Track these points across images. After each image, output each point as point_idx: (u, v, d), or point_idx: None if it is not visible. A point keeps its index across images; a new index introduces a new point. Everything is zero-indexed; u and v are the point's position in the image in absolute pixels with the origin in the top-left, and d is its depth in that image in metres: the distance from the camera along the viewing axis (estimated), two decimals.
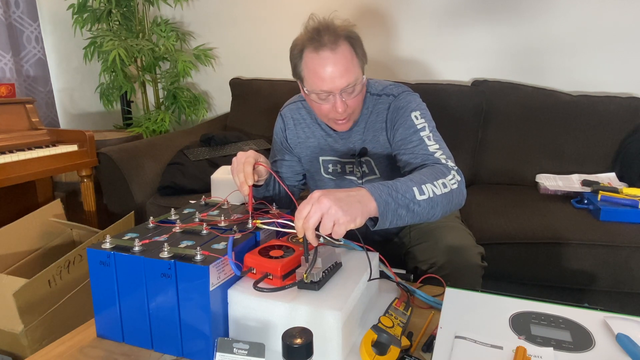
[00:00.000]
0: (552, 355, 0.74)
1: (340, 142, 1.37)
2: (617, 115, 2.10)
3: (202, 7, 2.93)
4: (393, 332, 0.87)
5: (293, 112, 1.46)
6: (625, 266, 1.53)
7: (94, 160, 2.23)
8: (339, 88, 1.17)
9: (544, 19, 2.33)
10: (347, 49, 1.18)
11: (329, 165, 1.40)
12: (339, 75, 1.16)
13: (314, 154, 1.41)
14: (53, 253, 1.79)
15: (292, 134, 1.44)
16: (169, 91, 2.91)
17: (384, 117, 1.31)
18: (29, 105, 2.23)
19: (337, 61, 1.16)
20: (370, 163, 1.35)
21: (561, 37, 2.33)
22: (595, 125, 2.11)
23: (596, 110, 2.13)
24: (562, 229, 1.61)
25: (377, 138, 1.33)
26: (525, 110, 2.21)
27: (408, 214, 1.00)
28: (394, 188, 1.00)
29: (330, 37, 1.15)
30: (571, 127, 2.13)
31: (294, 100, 1.49)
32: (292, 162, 1.47)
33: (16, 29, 2.53)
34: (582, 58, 2.32)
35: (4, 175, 1.89)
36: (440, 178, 1.08)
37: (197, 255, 0.88)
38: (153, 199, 2.06)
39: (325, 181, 1.43)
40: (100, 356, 0.91)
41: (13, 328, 1.36)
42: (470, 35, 2.46)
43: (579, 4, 2.27)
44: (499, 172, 2.18)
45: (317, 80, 1.18)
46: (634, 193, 1.69)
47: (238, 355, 0.80)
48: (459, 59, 2.51)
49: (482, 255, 1.31)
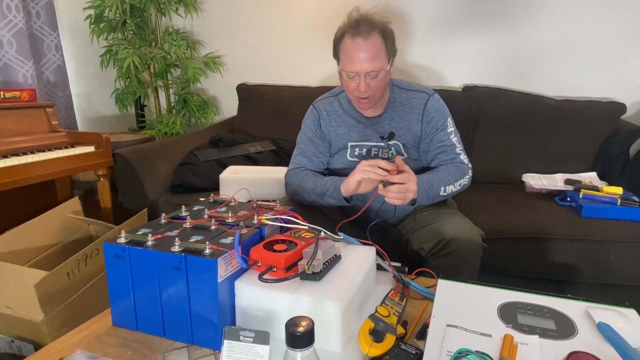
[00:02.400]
0: (537, 342, 0.75)
1: (370, 127, 1.48)
2: (598, 118, 2.10)
3: (210, 18, 2.93)
4: (389, 321, 0.87)
5: (326, 105, 1.56)
6: (605, 259, 1.53)
7: (110, 161, 2.23)
8: (365, 71, 1.30)
9: (529, 29, 2.33)
10: (378, 40, 1.31)
11: (356, 149, 1.50)
12: (367, 60, 1.29)
13: (343, 140, 1.51)
14: (71, 247, 1.80)
15: (326, 123, 1.54)
16: (179, 96, 2.91)
17: (420, 110, 1.45)
18: (49, 109, 2.23)
19: (367, 48, 1.29)
20: (399, 146, 1.47)
21: (546, 45, 2.33)
22: (577, 128, 2.11)
23: (578, 114, 2.13)
24: (546, 225, 1.61)
25: (409, 126, 1.46)
26: (512, 114, 2.21)
27: (429, 200, 1.35)
28: (429, 185, 1.31)
29: (366, 28, 1.30)
30: (555, 129, 2.13)
31: (327, 96, 1.59)
32: (324, 148, 1.55)
33: (37, 38, 2.53)
34: (565, 65, 2.32)
35: (25, 175, 1.89)
36: (461, 178, 1.38)
37: (206, 249, 0.88)
38: (165, 197, 2.06)
39: (348, 163, 1.51)
40: (115, 343, 0.92)
41: (34, 317, 1.36)
42: (461, 43, 2.46)
43: (562, 15, 2.27)
44: (488, 172, 2.18)
45: (348, 61, 1.32)
46: (613, 191, 1.69)
47: (244, 342, 0.80)
48: (450, 66, 2.51)
49: (482, 236, 1.35)
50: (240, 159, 2.22)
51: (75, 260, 1.44)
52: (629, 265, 1.52)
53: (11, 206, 2.20)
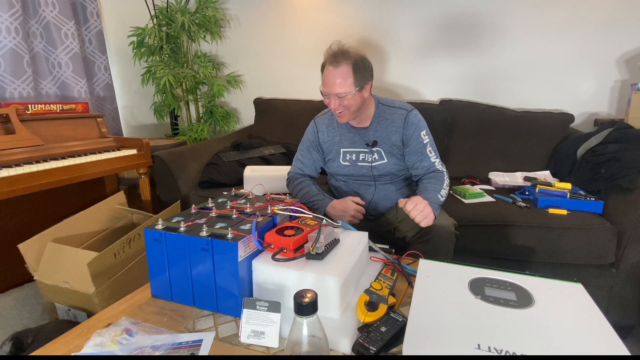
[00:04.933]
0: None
1: (358, 136, 1.47)
2: (552, 126, 2.09)
3: (232, 44, 2.93)
4: (382, 294, 0.87)
5: (324, 119, 1.55)
6: (557, 242, 1.52)
7: (149, 161, 2.23)
8: (334, 93, 1.32)
9: (494, 53, 2.32)
10: (346, 70, 1.31)
11: (347, 155, 1.49)
12: (336, 85, 1.31)
13: (337, 146, 1.50)
14: (118, 233, 1.80)
15: (323, 135, 1.53)
16: (206, 108, 2.91)
17: (400, 124, 1.43)
18: (99, 119, 2.23)
19: (337, 76, 1.31)
20: (381, 152, 1.45)
21: (508, 67, 2.31)
22: (534, 134, 2.10)
23: (535, 123, 2.12)
24: (509, 215, 1.60)
25: (389, 136, 1.44)
26: (480, 123, 2.20)
27: (439, 209, 1.32)
28: (432, 199, 1.28)
29: (338, 59, 1.31)
30: (516, 135, 2.12)
31: (325, 112, 1.57)
32: (318, 157, 1.55)
33: (89, 61, 2.53)
34: (524, 83, 2.31)
35: (80, 173, 1.90)
36: (444, 183, 1.38)
37: (228, 234, 0.88)
38: (195, 191, 2.05)
39: (342, 166, 1.51)
40: (154, 312, 0.92)
41: (87, 290, 1.37)
42: (437, 65, 2.45)
43: (521, 42, 2.26)
44: (461, 171, 2.17)
45: (324, 84, 1.35)
46: (563, 186, 1.68)
47: (260, 310, 0.80)
48: (429, 84, 2.50)
49: (455, 225, 1.34)
50: (256, 160, 2.22)
51: (121, 243, 1.44)
52: (577, 247, 1.51)
53: (68, 199, 2.20)
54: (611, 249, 1.49)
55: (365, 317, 0.82)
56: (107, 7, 2.70)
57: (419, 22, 2.43)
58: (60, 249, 1.45)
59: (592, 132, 1.90)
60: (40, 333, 1.22)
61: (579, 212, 1.60)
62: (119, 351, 0.76)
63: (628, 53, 2.11)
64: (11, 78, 2.10)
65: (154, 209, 2.36)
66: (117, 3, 2.77)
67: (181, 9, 2.64)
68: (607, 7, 2.10)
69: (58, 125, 2.03)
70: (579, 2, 2.14)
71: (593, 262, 1.51)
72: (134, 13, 2.81)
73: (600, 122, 2.05)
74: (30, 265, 1.49)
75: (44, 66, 2.28)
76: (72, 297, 1.41)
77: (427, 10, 2.40)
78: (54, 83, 2.34)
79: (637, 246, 1.45)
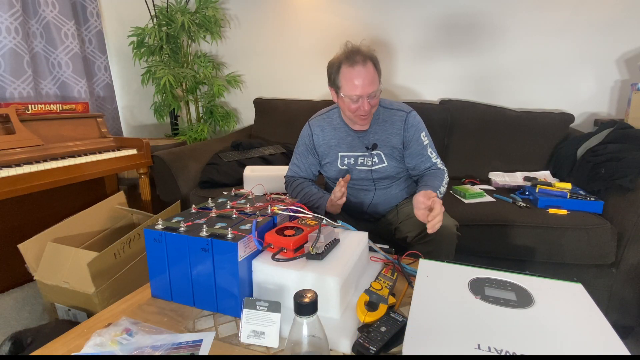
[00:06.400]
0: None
1: (357, 140, 1.43)
2: (551, 126, 2.09)
3: (232, 44, 2.93)
4: (382, 294, 0.86)
5: (319, 121, 1.50)
6: (557, 243, 1.52)
7: (149, 161, 2.23)
8: (367, 93, 1.27)
9: (494, 54, 2.32)
10: (371, 66, 1.28)
11: (345, 159, 1.45)
12: (368, 84, 1.26)
13: (334, 150, 1.46)
14: (118, 232, 1.80)
15: (318, 138, 1.48)
16: (206, 108, 2.90)
17: (400, 126, 1.40)
18: (99, 119, 2.23)
19: (367, 74, 1.26)
20: (381, 155, 1.42)
21: (508, 67, 2.31)
22: (534, 134, 2.10)
23: (535, 123, 2.12)
24: (508, 214, 1.60)
25: (389, 139, 1.41)
26: (480, 123, 2.20)
27: None
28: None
29: (361, 57, 1.27)
30: (516, 135, 2.12)
31: (321, 113, 1.52)
32: (314, 161, 1.52)
33: (89, 61, 2.53)
34: (524, 83, 2.31)
35: (80, 173, 1.90)
36: (443, 180, 1.36)
37: (228, 234, 0.87)
38: (195, 191, 2.05)
39: (339, 170, 1.48)
40: (154, 311, 0.92)
41: (87, 290, 1.36)
42: (438, 65, 2.45)
43: (521, 42, 2.26)
44: (460, 171, 2.17)
45: (351, 87, 1.27)
46: (563, 186, 1.68)
47: (260, 310, 0.80)
48: (429, 84, 2.50)
49: (457, 226, 1.33)
50: (256, 160, 2.21)
51: (121, 243, 1.44)
52: (577, 247, 1.51)
53: (68, 199, 2.20)
54: (611, 249, 1.49)
55: (365, 317, 0.82)
56: (107, 7, 2.71)
57: (419, 22, 2.43)
58: (60, 249, 1.45)
59: (592, 132, 1.90)
60: (40, 333, 1.22)
61: (579, 212, 1.60)
62: (119, 351, 0.75)
63: (628, 53, 2.11)
64: (11, 78, 2.10)
65: (154, 209, 2.36)
66: (117, 3, 2.77)
67: (181, 9, 2.64)
68: (607, 7, 2.10)
69: (58, 125, 2.03)
70: (579, 2, 2.14)
71: (593, 262, 1.51)
72: (134, 13, 2.81)
73: (600, 122, 2.06)
74: (30, 265, 1.49)
75: (44, 66, 2.28)
76: (72, 297, 1.41)
77: (427, 10, 2.40)
78: (54, 83, 2.34)
79: (637, 246, 1.45)
